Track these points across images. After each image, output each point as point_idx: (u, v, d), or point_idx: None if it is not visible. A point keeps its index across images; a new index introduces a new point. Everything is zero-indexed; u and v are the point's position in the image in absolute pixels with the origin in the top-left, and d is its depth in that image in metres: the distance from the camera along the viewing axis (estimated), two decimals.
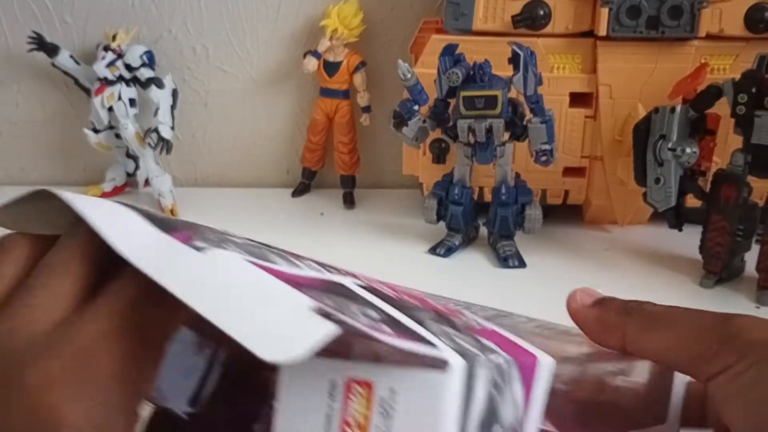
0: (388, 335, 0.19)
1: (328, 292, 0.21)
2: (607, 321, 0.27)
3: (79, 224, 0.21)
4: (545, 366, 0.23)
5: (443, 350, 0.20)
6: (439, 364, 0.19)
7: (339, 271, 0.25)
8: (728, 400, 0.23)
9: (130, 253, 0.19)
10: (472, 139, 0.63)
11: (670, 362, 0.25)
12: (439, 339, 0.21)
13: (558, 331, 0.30)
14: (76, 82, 0.79)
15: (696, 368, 0.24)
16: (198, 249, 0.21)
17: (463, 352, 0.20)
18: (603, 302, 0.28)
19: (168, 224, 0.22)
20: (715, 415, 0.26)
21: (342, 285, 0.23)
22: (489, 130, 0.62)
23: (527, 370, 0.22)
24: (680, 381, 0.28)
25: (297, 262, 0.24)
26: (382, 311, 0.21)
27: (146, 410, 0.25)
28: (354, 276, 0.25)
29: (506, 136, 0.64)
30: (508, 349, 0.23)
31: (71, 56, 0.78)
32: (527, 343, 0.25)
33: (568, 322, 0.29)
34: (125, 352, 0.19)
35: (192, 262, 0.20)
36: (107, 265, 0.21)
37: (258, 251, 0.23)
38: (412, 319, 0.22)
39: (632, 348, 0.26)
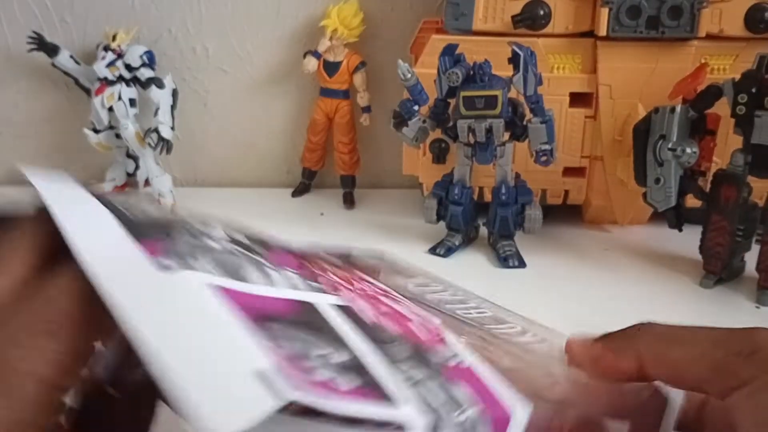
0: (342, 397, 0.18)
1: (294, 323, 0.20)
2: (617, 346, 0.26)
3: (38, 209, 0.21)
4: (518, 421, 0.22)
5: (405, 413, 0.19)
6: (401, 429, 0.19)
7: (326, 273, 0.24)
8: (749, 414, 0.22)
9: (86, 254, 0.19)
10: (472, 139, 0.63)
11: (688, 378, 0.25)
12: (406, 391, 0.20)
13: (549, 345, 0.29)
14: (76, 82, 0.79)
15: (715, 382, 0.23)
16: (161, 267, 0.19)
17: (428, 406, 0.20)
18: (607, 335, 0.27)
19: (140, 227, 0.21)
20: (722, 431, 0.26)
21: (314, 310, 0.22)
22: (489, 130, 0.62)
23: (498, 425, 0.22)
24: (674, 401, 0.27)
25: (274, 270, 0.22)
26: (350, 351, 0.20)
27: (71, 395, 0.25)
28: (339, 283, 0.24)
29: (506, 136, 0.64)
30: (481, 396, 0.22)
31: (71, 56, 0.78)
32: (506, 384, 0.24)
33: (565, 323, 0.28)
34: (52, 351, 0.19)
35: (147, 289, 0.19)
36: (58, 245, 0.20)
37: (234, 261, 0.21)
38: (385, 356, 0.21)
39: (648, 366, 0.25)
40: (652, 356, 0.25)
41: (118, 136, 0.78)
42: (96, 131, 0.77)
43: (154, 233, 0.21)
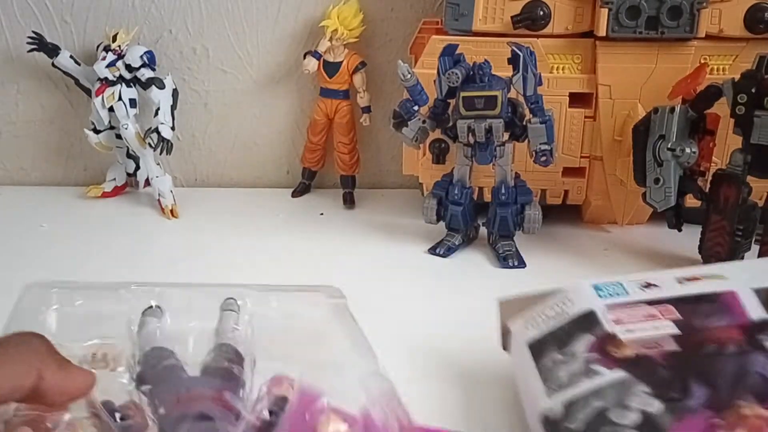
0: None
1: None
2: None
3: None
4: None
5: None
6: None
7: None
8: None
9: None
10: (471, 140, 0.63)
11: None
12: None
13: None
14: (77, 82, 0.79)
15: None
16: None
17: None
18: None
19: None
20: None
21: None
22: (489, 131, 0.62)
23: None
24: None
25: None
26: None
27: None
28: None
29: (506, 136, 0.64)
30: None
31: (71, 56, 0.78)
32: None
33: None
34: None
35: None
36: None
37: None
38: None
39: None
40: None
41: (118, 136, 0.78)
42: (96, 131, 0.77)
43: None
